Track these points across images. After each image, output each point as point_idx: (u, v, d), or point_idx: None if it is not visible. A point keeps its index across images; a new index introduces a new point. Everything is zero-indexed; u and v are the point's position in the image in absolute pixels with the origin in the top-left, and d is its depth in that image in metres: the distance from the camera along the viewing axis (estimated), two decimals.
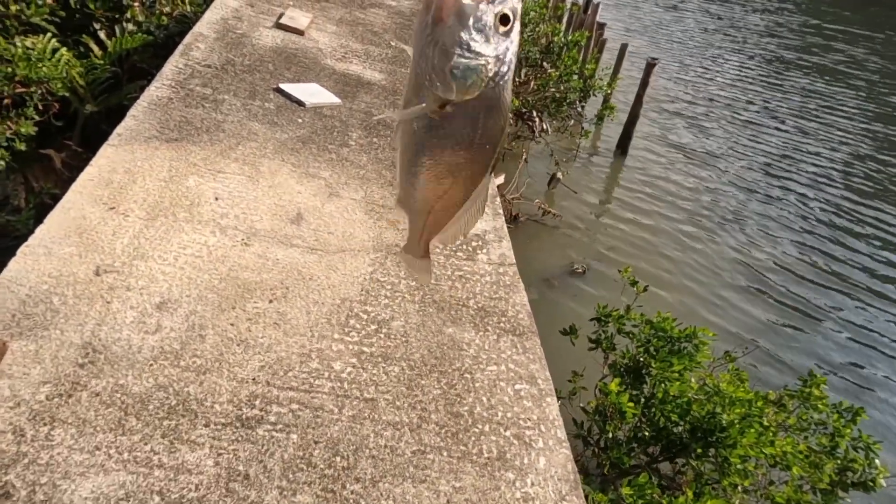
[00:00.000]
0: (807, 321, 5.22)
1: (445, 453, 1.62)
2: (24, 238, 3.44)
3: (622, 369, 2.68)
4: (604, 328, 2.82)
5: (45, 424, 1.35)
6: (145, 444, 1.38)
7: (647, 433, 2.54)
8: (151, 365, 1.56)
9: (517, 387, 1.91)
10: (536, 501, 1.58)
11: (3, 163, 2.93)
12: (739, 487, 2.35)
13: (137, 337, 1.62)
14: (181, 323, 1.70)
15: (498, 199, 2.87)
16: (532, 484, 1.62)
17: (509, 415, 1.80)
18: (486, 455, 1.65)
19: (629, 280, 2.94)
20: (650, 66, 6.84)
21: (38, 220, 3.38)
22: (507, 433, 1.74)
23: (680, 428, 2.47)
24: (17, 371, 1.43)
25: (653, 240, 6.00)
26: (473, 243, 2.50)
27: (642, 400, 2.56)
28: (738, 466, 2.28)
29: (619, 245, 5.88)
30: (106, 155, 2.23)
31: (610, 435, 2.46)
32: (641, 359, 2.59)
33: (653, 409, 2.49)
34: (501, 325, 2.13)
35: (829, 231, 6.74)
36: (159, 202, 2.10)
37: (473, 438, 1.68)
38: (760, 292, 5.46)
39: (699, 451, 2.33)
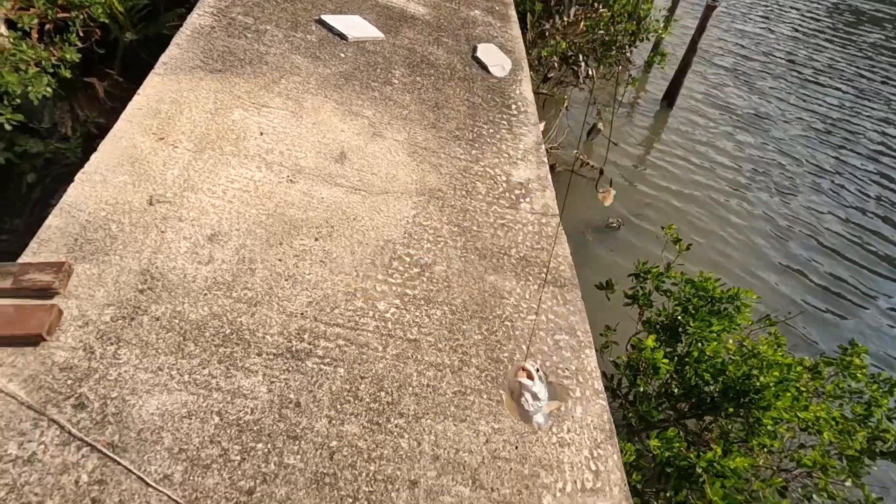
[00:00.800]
0: (846, 303, 5.01)
1: (485, 396, 1.66)
2: (73, 165, 3.52)
3: (657, 326, 2.66)
4: (642, 284, 2.78)
5: (111, 344, 1.42)
6: (203, 368, 1.45)
7: (676, 390, 2.56)
8: (206, 294, 1.61)
9: (556, 337, 1.92)
10: (572, 447, 1.62)
11: (49, 90, 2.95)
12: (766, 448, 2.37)
13: (191, 267, 1.66)
14: (232, 255, 1.74)
15: (542, 147, 2.77)
16: (568, 430, 1.66)
17: (548, 364, 1.82)
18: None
19: (672, 237, 2.86)
20: (709, 9, 6.32)
21: (86, 148, 3.44)
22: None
23: (711, 387, 2.47)
24: (83, 293, 1.50)
25: (690, 202, 5.77)
26: (517, 191, 2.44)
27: (675, 357, 2.55)
28: (769, 428, 2.29)
29: (655, 203, 5.69)
30: (152, 84, 2.21)
31: (641, 389, 2.48)
32: (679, 317, 2.57)
33: (686, 367, 2.49)
34: (543, 275, 2.11)
35: (884, 210, 6.33)
36: (206, 134, 2.10)
37: None
38: (799, 267, 5.24)
39: (731, 410, 2.34)
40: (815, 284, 5.12)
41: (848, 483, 2.50)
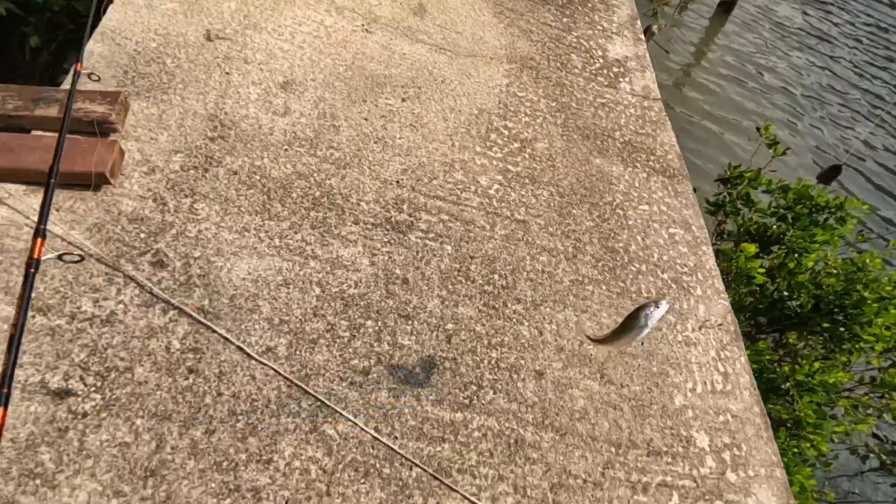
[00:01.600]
0: None
1: (604, 287, 1.45)
2: (79, 31, 3.04)
3: (745, 236, 2.44)
4: (730, 190, 2.52)
5: (185, 196, 1.17)
6: (295, 232, 1.21)
7: (756, 303, 2.39)
8: (286, 150, 1.34)
9: (671, 231, 1.69)
10: (698, 347, 1.45)
11: None
12: (852, 361, 2.25)
13: (266, 117, 1.37)
14: (311, 109, 1.44)
15: (638, 22, 2.37)
16: (692, 329, 1.48)
17: (665, 258, 1.60)
18: (644, 294, 1.49)
19: (769, 140, 2.55)
20: None
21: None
22: (665, 276, 1.56)
23: (798, 301, 2.30)
24: (144, 135, 1.22)
25: (732, 129, 5.32)
26: (615, 69, 2.10)
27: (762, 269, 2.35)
28: (864, 346, 2.14)
29: (707, 113, 5.27)
30: None
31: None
32: (774, 226, 2.33)
33: (776, 280, 2.30)
34: (650, 163, 1.84)
35: None
36: None
37: (631, 276, 1.51)
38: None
39: (825, 325, 2.18)
40: (865, 227, 4.86)
41: None
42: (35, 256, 0.77)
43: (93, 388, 0.91)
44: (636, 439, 1.22)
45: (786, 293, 2.30)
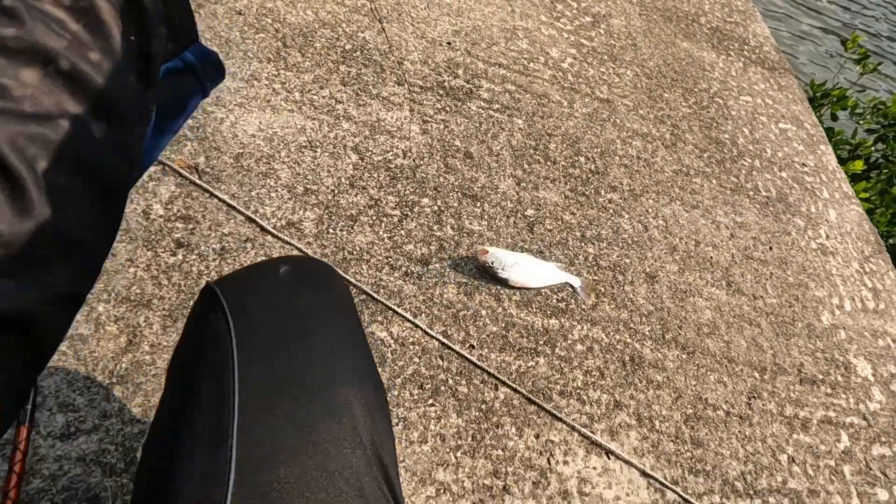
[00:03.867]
0: None
1: (714, 181, 1.13)
2: None
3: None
4: (817, 110, 2.16)
5: None
6: (321, 87, 0.90)
7: None
8: None
9: (781, 126, 1.35)
10: (837, 257, 1.12)
11: None
12: None
13: None
14: None
15: None
16: (827, 237, 1.15)
17: (780, 154, 1.27)
18: (763, 193, 1.16)
19: (859, 54, 2.19)
20: None
21: None
22: (783, 174, 1.23)
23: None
24: None
25: (822, 26, 4.75)
26: None
27: None
28: None
29: (778, 16, 4.77)
30: None
31: None
32: (874, 147, 1.98)
33: (875, 212, 1.95)
34: (745, 53, 1.51)
35: None
36: None
37: (744, 172, 1.18)
38: None
39: None
40: None
41: None
42: None
43: None
44: (783, 363, 0.91)
45: (886, 229, 1.95)
